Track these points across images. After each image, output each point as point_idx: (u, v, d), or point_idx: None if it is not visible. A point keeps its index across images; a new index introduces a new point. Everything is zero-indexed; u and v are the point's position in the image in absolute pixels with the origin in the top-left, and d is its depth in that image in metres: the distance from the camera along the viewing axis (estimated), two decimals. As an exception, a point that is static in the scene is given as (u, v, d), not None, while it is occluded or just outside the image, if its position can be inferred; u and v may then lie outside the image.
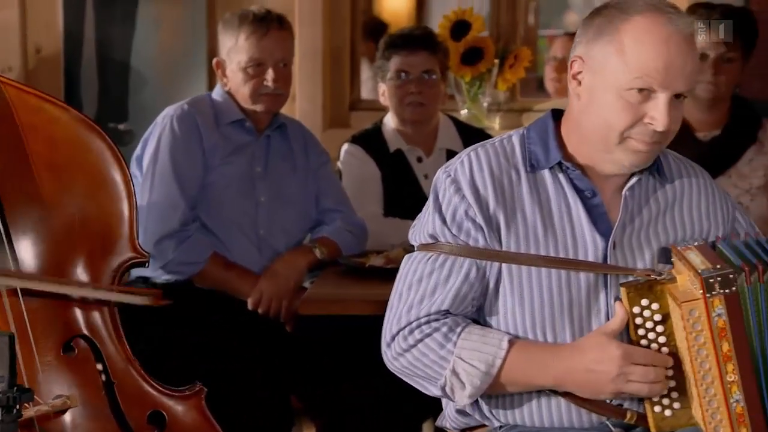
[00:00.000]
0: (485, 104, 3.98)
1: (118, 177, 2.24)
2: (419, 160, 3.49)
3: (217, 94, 3.19)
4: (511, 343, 1.96)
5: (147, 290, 2.38)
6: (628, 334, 1.97)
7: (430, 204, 2.05)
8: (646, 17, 1.93)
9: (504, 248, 1.99)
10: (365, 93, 4.52)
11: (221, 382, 2.80)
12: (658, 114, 1.93)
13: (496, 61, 3.95)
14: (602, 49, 1.96)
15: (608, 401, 2.00)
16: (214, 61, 3.20)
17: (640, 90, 1.93)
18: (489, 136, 3.19)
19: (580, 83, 2.00)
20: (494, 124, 3.97)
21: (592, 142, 2.01)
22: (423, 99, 3.42)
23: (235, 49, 3.10)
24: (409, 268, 2.04)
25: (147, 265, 2.30)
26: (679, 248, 1.95)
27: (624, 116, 1.94)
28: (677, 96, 1.96)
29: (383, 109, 3.58)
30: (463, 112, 3.94)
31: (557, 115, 2.10)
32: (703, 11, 3.22)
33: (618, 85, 1.94)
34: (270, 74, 3.09)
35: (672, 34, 1.93)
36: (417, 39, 3.46)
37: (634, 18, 1.94)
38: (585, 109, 2.00)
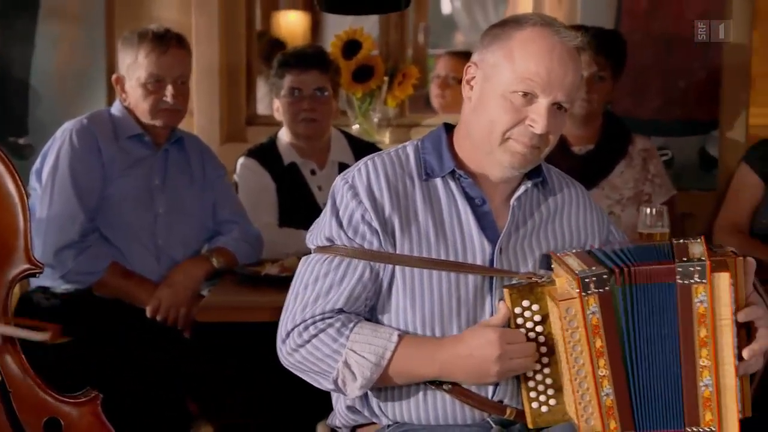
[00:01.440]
0: (376, 119, 3.99)
1: (12, 190, 2.19)
2: (313, 172, 3.49)
3: (116, 109, 3.15)
4: (400, 336, 1.99)
5: (46, 324, 2.31)
6: (509, 334, 2.00)
7: (327, 209, 2.07)
8: (535, 29, 2.00)
9: (398, 251, 2.02)
10: (262, 109, 4.49)
11: (120, 387, 2.76)
12: (537, 117, 1.98)
13: (386, 78, 3.97)
14: (494, 55, 2.01)
15: (490, 398, 2.02)
16: (114, 77, 3.16)
17: (524, 94, 1.98)
18: (379, 150, 3.21)
19: (472, 88, 2.06)
20: (384, 138, 3.99)
21: (478, 144, 2.04)
22: (315, 115, 3.43)
23: (134, 65, 3.07)
24: (306, 269, 2.05)
25: (38, 276, 2.25)
26: (558, 254, 1.99)
27: (507, 117, 1.99)
28: (559, 107, 2.01)
29: (278, 124, 3.57)
30: (355, 127, 3.95)
31: (449, 128, 2.14)
32: (577, 33, 3.29)
33: (504, 88, 1.99)
34: (169, 90, 3.07)
35: (556, 44, 1.99)
36: (309, 58, 3.46)
37: (526, 28, 2.00)
38: (474, 111, 2.04)
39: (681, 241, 1.95)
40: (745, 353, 1.91)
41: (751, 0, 3.88)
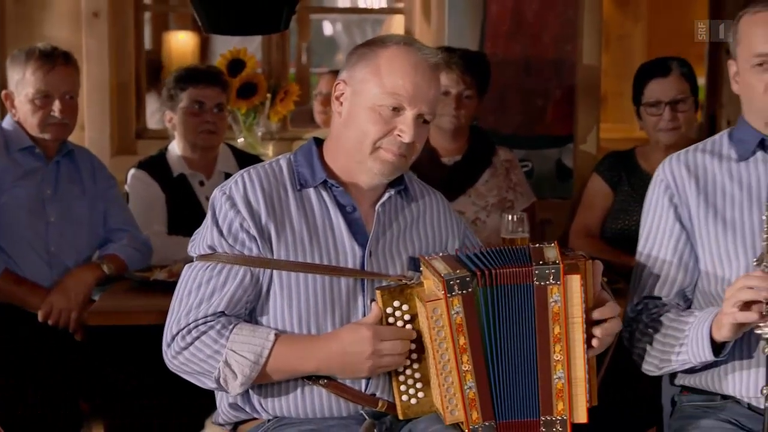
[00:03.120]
0: (259, 134, 3.97)
1: None
2: (201, 183, 3.45)
3: (7, 123, 3.07)
4: (277, 335, 1.98)
5: None
6: (381, 332, 1.99)
7: (208, 219, 2.06)
8: (400, 47, 2.03)
9: (275, 256, 2.01)
10: (152, 124, 4.42)
11: (13, 389, 2.68)
12: (405, 127, 2.01)
13: (269, 95, 3.96)
14: (362, 72, 2.03)
15: (363, 391, 2.03)
16: (3, 93, 3.08)
17: (392, 106, 2.01)
18: (262, 161, 3.20)
19: (342, 103, 2.07)
20: (268, 151, 3.97)
21: (350, 154, 2.06)
22: (215, 128, 3.42)
23: (22, 82, 3.00)
24: (189, 275, 2.03)
25: None
26: (426, 258, 2.00)
27: (376, 128, 2.02)
28: (425, 121, 2.04)
29: (168, 138, 3.52)
30: (240, 140, 3.92)
31: (319, 141, 2.15)
32: (444, 54, 3.31)
33: (373, 102, 2.01)
34: (57, 105, 3.00)
35: (420, 61, 2.02)
36: (212, 75, 3.47)
37: (391, 47, 2.03)
38: (345, 125, 2.06)
39: (537, 245, 1.98)
40: (597, 331, 1.93)
41: (600, 26, 3.99)
